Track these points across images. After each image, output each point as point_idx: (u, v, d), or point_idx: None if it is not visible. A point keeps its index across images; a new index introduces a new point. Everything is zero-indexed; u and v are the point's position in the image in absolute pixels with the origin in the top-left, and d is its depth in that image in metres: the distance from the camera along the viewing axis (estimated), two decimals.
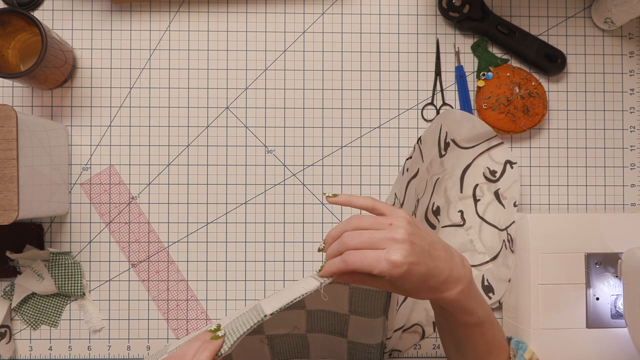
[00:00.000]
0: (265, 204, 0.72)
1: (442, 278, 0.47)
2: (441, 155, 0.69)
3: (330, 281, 0.48)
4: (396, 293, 0.50)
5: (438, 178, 0.69)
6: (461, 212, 0.70)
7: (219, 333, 0.47)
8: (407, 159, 0.65)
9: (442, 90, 0.72)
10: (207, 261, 0.71)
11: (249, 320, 0.47)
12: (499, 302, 0.70)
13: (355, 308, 0.62)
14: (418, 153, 0.66)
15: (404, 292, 0.48)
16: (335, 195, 0.51)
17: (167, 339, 0.70)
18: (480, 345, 0.53)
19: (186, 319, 0.71)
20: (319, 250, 0.51)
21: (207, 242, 0.71)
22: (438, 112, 0.72)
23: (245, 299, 0.71)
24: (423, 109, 0.72)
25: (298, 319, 0.65)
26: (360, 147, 0.72)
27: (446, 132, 0.69)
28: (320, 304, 0.63)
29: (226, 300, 0.71)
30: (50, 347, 0.70)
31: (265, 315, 0.46)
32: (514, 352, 0.55)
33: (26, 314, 0.69)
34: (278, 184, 0.72)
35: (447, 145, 0.69)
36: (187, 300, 0.71)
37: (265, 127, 0.72)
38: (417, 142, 0.65)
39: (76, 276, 0.69)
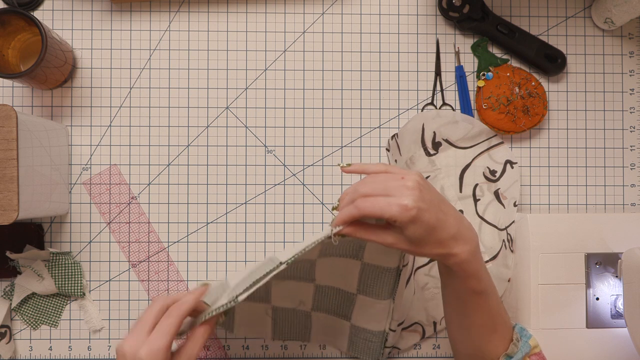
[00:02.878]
0: (265, 204, 0.72)
1: (451, 232, 0.49)
2: (429, 154, 0.69)
3: (342, 229, 0.49)
4: (405, 249, 0.50)
5: (428, 176, 0.69)
6: (460, 211, 0.70)
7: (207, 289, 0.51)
8: (387, 150, 0.67)
9: (442, 90, 0.72)
10: (207, 261, 0.71)
11: (264, 269, 0.48)
12: None
13: (364, 287, 0.63)
14: (395, 146, 0.67)
15: (413, 246, 0.49)
16: (349, 165, 0.53)
17: None
18: (486, 318, 0.54)
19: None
20: (333, 209, 0.52)
21: (207, 242, 0.71)
22: None
23: None
24: (423, 109, 0.72)
25: (306, 293, 0.65)
26: (360, 147, 0.72)
27: (434, 132, 0.69)
28: (330, 278, 0.63)
29: None
30: (50, 347, 0.70)
31: (281, 263, 0.48)
32: (517, 337, 0.55)
33: (26, 314, 0.69)
34: (278, 184, 0.72)
35: (437, 144, 0.69)
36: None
37: (265, 127, 0.72)
38: (394, 137, 0.66)
39: (76, 276, 0.69)
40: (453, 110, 0.72)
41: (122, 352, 0.45)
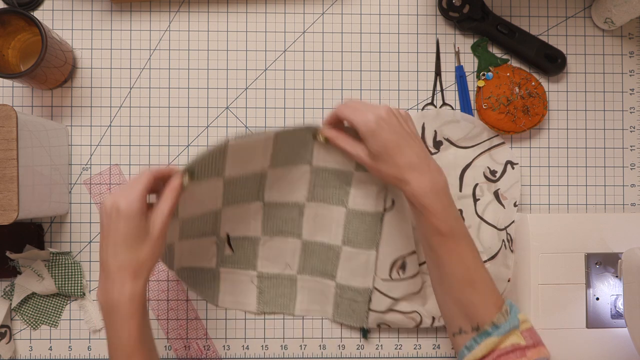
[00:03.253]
0: None
1: (408, 160, 0.56)
2: (430, 153, 0.69)
3: (325, 130, 0.61)
4: (367, 162, 0.59)
5: None
6: (460, 211, 0.70)
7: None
8: None
9: (442, 90, 0.72)
10: None
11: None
12: None
13: (349, 236, 0.66)
14: None
15: (373, 161, 0.58)
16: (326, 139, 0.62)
17: (167, 338, 0.70)
18: (461, 269, 0.55)
19: (186, 319, 0.71)
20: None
21: None
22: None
23: None
24: (423, 109, 0.72)
25: (292, 253, 0.68)
26: None
27: (435, 131, 0.69)
28: (316, 232, 0.67)
29: None
30: (50, 347, 0.70)
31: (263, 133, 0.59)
32: (507, 309, 0.55)
33: (26, 314, 0.69)
34: None
35: (438, 143, 0.70)
36: (187, 300, 0.71)
37: (265, 127, 0.72)
38: None
39: (76, 276, 0.69)
40: (453, 110, 0.72)
41: (104, 204, 0.51)
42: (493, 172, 0.70)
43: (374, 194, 0.65)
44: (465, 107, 0.72)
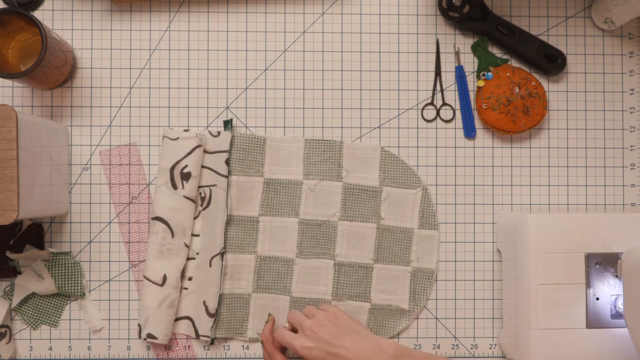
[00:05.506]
0: None
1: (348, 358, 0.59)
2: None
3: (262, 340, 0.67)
4: None
5: None
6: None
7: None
8: None
9: (442, 90, 0.72)
10: None
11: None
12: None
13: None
14: None
15: None
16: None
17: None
18: None
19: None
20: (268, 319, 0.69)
21: None
22: (438, 112, 0.72)
23: None
24: (423, 109, 0.72)
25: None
26: None
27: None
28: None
29: None
30: (50, 347, 0.70)
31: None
32: None
33: (26, 314, 0.69)
34: None
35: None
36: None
37: (265, 127, 0.72)
38: None
39: (76, 276, 0.69)
40: (453, 110, 0.72)
41: None
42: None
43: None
44: (465, 107, 0.72)
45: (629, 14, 0.68)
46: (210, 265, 0.68)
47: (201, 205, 0.69)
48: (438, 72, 0.72)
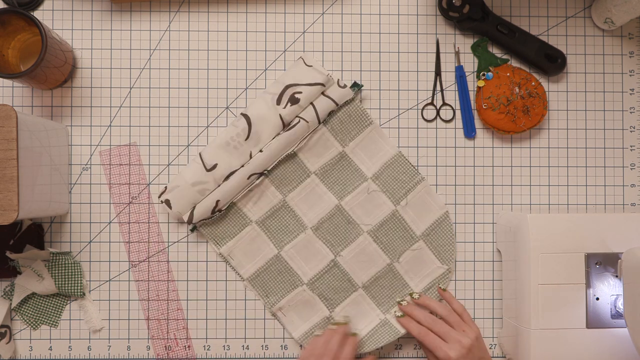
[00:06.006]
0: None
1: None
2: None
3: (403, 320, 0.69)
4: None
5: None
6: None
7: (350, 329, 0.69)
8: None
9: (442, 90, 0.72)
10: (207, 261, 0.71)
11: None
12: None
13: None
14: None
15: None
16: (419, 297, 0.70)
17: (167, 339, 0.70)
18: None
19: (186, 319, 0.71)
20: (399, 302, 0.70)
21: (207, 242, 0.71)
22: (438, 112, 0.72)
23: (245, 299, 0.71)
24: (423, 109, 0.72)
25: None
26: None
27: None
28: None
29: (226, 300, 0.71)
30: (50, 347, 0.70)
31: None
32: None
33: (26, 314, 0.69)
34: None
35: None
36: (187, 300, 0.71)
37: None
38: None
39: (76, 276, 0.69)
40: (453, 110, 0.72)
41: None
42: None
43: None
44: (465, 107, 0.72)
45: (629, 14, 0.68)
46: (248, 178, 0.69)
47: (284, 130, 0.69)
48: (438, 72, 0.72)
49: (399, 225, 0.70)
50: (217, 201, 0.68)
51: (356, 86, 0.70)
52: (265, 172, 0.69)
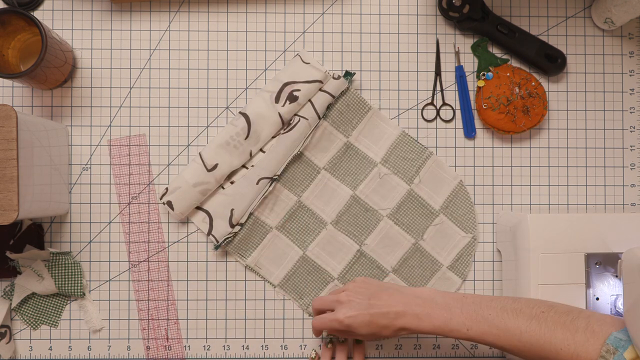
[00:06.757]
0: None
1: (390, 315, 0.58)
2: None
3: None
4: (365, 340, 0.66)
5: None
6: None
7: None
8: None
9: (442, 90, 0.72)
10: (207, 261, 0.71)
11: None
12: None
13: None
14: None
15: (368, 337, 0.60)
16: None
17: (167, 338, 0.70)
18: (517, 351, 0.55)
19: (186, 319, 0.71)
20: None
21: (206, 242, 0.71)
22: (438, 112, 0.72)
23: (245, 299, 0.71)
24: (423, 109, 0.72)
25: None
26: None
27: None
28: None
29: (226, 300, 0.71)
30: (50, 347, 0.70)
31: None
32: (611, 349, 0.51)
33: (26, 314, 0.69)
34: None
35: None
36: (187, 300, 0.71)
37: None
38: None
39: (76, 276, 0.69)
40: (453, 110, 0.72)
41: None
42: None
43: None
44: (465, 107, 0.72)
45: (629, 14, 0.68)
46: (257, 183, 0.69)
47: (284, 128, 0.69)
48: (438, 72, 0.72)
49: (417, 203, 0.71)
50: (232, 210, 0.68)
51: (349, 75, 0.70)
52: (276, 177, 0.69)
